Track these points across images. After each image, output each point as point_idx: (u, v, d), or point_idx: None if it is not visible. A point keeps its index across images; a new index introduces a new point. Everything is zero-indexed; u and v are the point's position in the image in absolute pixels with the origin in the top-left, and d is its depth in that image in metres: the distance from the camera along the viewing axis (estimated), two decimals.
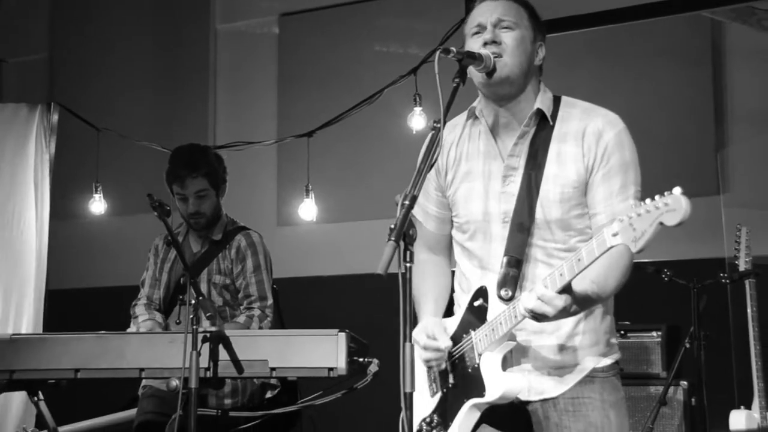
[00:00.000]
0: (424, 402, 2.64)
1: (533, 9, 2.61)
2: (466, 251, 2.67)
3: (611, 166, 2.51)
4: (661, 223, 2.11)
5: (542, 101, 2.58)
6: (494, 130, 2.61)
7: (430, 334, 2.57)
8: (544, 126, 2.57)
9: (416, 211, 2.73)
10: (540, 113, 2.57)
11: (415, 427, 2.63)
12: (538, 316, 2.34)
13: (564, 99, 2.63)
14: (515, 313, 2.42)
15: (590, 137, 2.53)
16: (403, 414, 2.70)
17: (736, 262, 4.23)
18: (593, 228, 2.52)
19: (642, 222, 2.13)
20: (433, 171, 2.65)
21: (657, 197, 2.12)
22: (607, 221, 2.41)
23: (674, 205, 2.09)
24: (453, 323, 2.65)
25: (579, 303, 2.37)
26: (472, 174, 2.63)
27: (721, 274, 4.36)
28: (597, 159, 2.51)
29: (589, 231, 2.54)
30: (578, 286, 2.35)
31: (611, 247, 2.21)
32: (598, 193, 2.51)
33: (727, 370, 4.58)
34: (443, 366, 2.59)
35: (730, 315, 4.63)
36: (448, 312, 2.79)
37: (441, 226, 2.72)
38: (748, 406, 4.14)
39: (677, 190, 2.10)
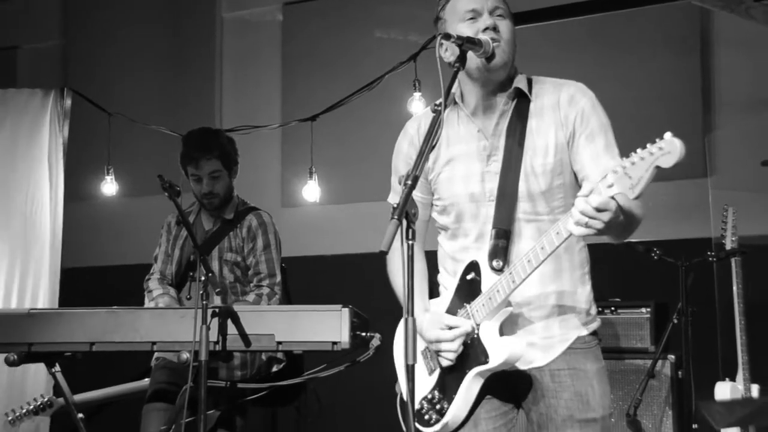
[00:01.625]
0: (421, 380, 2.62)
1: None
2: (451, 232, 2.68)
3: (592, 128, 2.54)
4: (657, 167, 2.12)
5: (519, 81, 2.61)
6: (475, 114, 2.63)
7: (446, 326, 2.54)
8: (522, 104, 2.59)
9: (394, 200, 2.74)
10: (518, 91, 2.60)
11: (417, 405, 2.64)
12: (594, 220, 2.23)
13: (535, 78, 2.65)
14: (537, 252, 2.39)
15: (565, 105, 2.56)
16: (400, 385, 2.74)
17: (723, 241, 4.25)
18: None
19: (637, 169, 2.15)
20: (414, 156, 2.60)
21: (648, 145, 2.14)
22: (601, 177, 2.41)
23: (669, 147, 2.11)
24: (443, 303, 2.66)
25: (625, 215, 2.29)
26: (454, 158, 2.64)
27: (709, 253, 4.38)
28: (576, 123, 2.54)
29: (571, 199, 2.50)
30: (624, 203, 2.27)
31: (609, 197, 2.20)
32: (585, 155, 2.53)
33: (712, 344, 4.60)
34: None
35: (716, 292, 4.65)
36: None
37: (423, 211, 2.67)
38: (733, 379, 4.16)
39: (669, 134, 2.12)
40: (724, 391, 4.12)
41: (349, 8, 6.31)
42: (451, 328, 2.54)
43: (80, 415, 3.83)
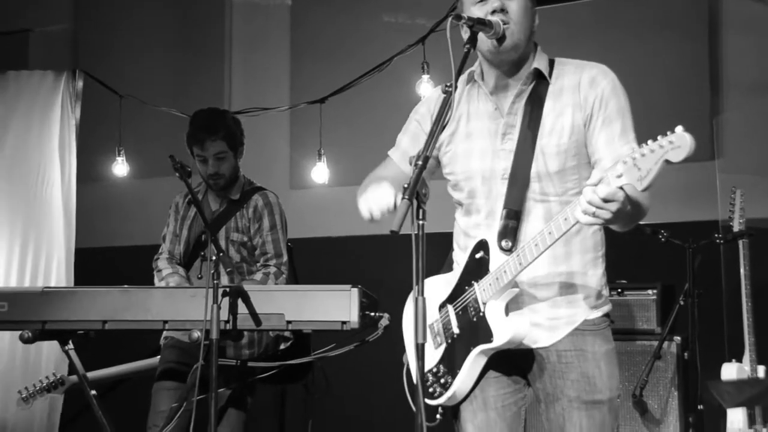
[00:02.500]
0: (427, 354, 2.62)
1: None
2: (465, 208, 2.67)
3: (609, 112, 2.51)
4: (667, 161, 2.09)
5: (539, 62, 2.59)
6: (494, 93, 2.62)
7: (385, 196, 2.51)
8: (541, 84, 2.58)
9: (398, 159, 2.75)
10: (537, 72, 2.58)
11: (416, 376, 2.64)
12: (601, 210, 2.21)
13: (558, 60, 2.63)
14: (535, 244, 2.39)
15: (585, 86, 2.54)
16: (407, 357, 2.74)
17: (731, 223, 4.22)
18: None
19: (646, 161, 2.12)
20: (428, 123, 2.63)
21: (659, 137, 2.11)
22: (611, 164, 2.39)
23: (679, 142, 2.08)
24: (453, 278, 2.65)
25: (633, 205, 2.25)
26: (473, 134, 2.63)
27: (716, 235, 4.35)
28: (595, 105, 2.52)
29: (584, 182, 2.48)
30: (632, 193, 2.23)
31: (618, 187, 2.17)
32: (600, 139, 2.51)
33: (718, 326, 4.59)
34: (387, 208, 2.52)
35: (722, 274, 4.63)
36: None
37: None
38: (739, 360, 4.15)
39: (680, 128, 2.09)
40: (730, 372, 4.11)
41: None
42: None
43: (93, 392, 3.84)
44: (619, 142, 2.49)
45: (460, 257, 2.69)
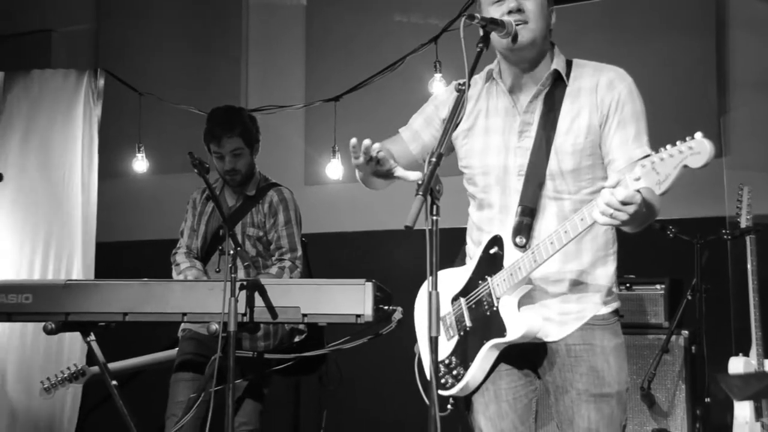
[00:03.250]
0: (440, 346, 2.60)
1: None
2: (478, 202, 2.67)
3: (625, 115, 2.51)
4: (686, 166, 2.08)
5: (558, 63, 2.58)
6: (512, 91, 2.61)
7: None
8: (558, 85, 2.57)
9: (406, 135, 2.75)
10: (556, 73, 2.57)
11: (430, 369, 2.64)
12: (619, 212, 2.21)
13: (575, 61, 2.62)
14: (551, 242, 2.39)
15: (603, 89, 2.53)
16: (418, 347, 2.74)
17: (738, 219, 4.21)
18: (610, 172, 2.50)
19: (665, 166, 2.10)
20: (446, 112, 2.59)
21: (678, 142, 2.10)
22: (624, 165, 2.43)
23: (698, 148, 2.07)
24: (465, 272, 2.65)
25: (648, 207, 2.28)
26: (490, 130, 2.62)
27: (723, 231, 4.33)
28: (611, 108, 2.51)
29: (599, 181, 2.52)
30: (648, 196, 2.26)
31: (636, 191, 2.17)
32: (615, 140, 2.50)
33: (725, 320, 4.56)
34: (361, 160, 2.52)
35: (729, 269, 4.60)
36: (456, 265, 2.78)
37: (424, 153, 2.69)
38: (746, 354, 4.13)
39: (699, 135, 2.08)
40: (737, 366, 4.09)
41: None
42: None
43: (114, 383, 3.85)
44: (633, 144, 2.49)
45: (472, 251, 2.69)
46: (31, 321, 4.32)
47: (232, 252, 3.45)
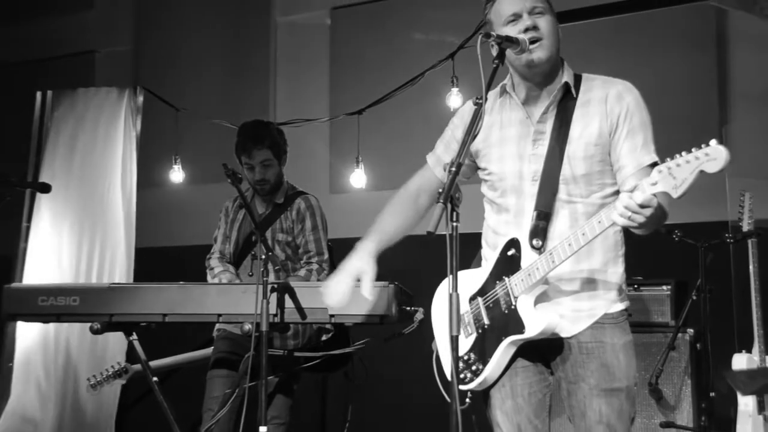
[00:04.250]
0: (459, 343, 2.62)
1: None
2: (496, 207, 2.67)
3: (634, 125, 2.51)
4: (702, 171, 2.08)
5: (568, 76, 2.59)
6: (526, 103, 2.62)
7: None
8: (568, 97, 2.58)
9: (432, 163, 2.77)
10: (566, 86, 2.57)
11: (451, 366, 2.64)
12: (636, 214, 2.23)
13: (584, 75, 2.63)
14: (562, 251, 2.40)
15: (612, 100, 2.53)
16: (435, 344, 2.74)
17: (740, 224, 4.18)
18: (619, 179, 2.52)
19: (682, 171, 2.11)
20: (461, 133, 2.64)
21: (694, 149, 2.10)
22: (633, 171, 2.45)
23: (715, 154, 2.07)
24: (482, 273, 2.65)
25: (661, 211, 2.29)
26: (506, 139, 2.63)
27: (726, 235, 4.31)
28: (620, 118, 2.51)
29: (608, 186, 2.54)
30: (663, 201, 2.28)
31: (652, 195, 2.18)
32: (624, 148, 2.51)
33: (728, 319, 4.52)
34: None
35: (732, 271, 4.57)
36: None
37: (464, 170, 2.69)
38: (749, 351, 4.10)
39: (714, 142, 2.07)
40: (741, 362, 4.06)
41: (390, 13, 6.26)
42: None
43: (155, 379, 3.86)
44: (641, 152, 2.50)
45: (488, 254, 2.68)
46: (78, 321, 4.32)
47: (263, 257, 3.46)
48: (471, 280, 2.66)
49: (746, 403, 3.98)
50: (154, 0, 7.07)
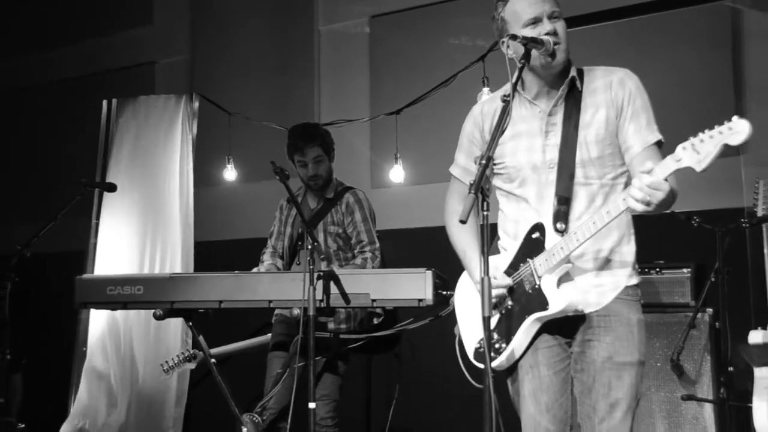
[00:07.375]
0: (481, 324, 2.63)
1: None
2: (514, 197, 2.65)
3: (637, 107, 2.53)
4: (726, 144, 2.07)
5: (574, 71, 2.60)
6: (536, 98, 2.61)
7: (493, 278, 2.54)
8: (575, 88, 2.58)
9: (459, 174, 2.74)
10: (573, 80, 2.58)
11: (476, 344, 2.65)
12: (648, 196, 2.25)
13: (585, 68, 2.64)
14: (591, 223, 2.40)
15: (616, 86, 2.55)
16: (458, 329, 2.74)
17: (755, 209, 4.11)
18: (627, 159, 2.53)
19: (705, 145, 2.11)
20: (479, 137, 2.65)
21: (716, 126, 2.10)
22: (640, 150, 2.47)
23: (737, 128, 2.07)
24: (506, 259, 2.63)
25: (672, 194, 2.31)
26: (519, 134, 2.62)
27: (742, 220, 4.24)
28: (624, 101, 2.53)
29: (618, 167, 2.54)
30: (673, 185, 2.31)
31: (676, 170, 2.20)
32: (630, 129, 2.52)
33: (745, 299, 4.46)
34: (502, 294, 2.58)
35: (748, 254, 4.50)
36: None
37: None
38: (764, 327, 4.04)
39: (736, 117, 2.07)
40: (756, 337, 4.00)
41: (426, 20, 6.25)
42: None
43: (213, 360, 3.92)
44: (646, 131, 2.52)
45: (507, 243, 2.67)
46: (143, 309, 4.42)
47: (310, 247, 3.49)
48: (495, 265, 2.65)
49: (762, 375, 3.92)
50: (207, 14, 7.13)
